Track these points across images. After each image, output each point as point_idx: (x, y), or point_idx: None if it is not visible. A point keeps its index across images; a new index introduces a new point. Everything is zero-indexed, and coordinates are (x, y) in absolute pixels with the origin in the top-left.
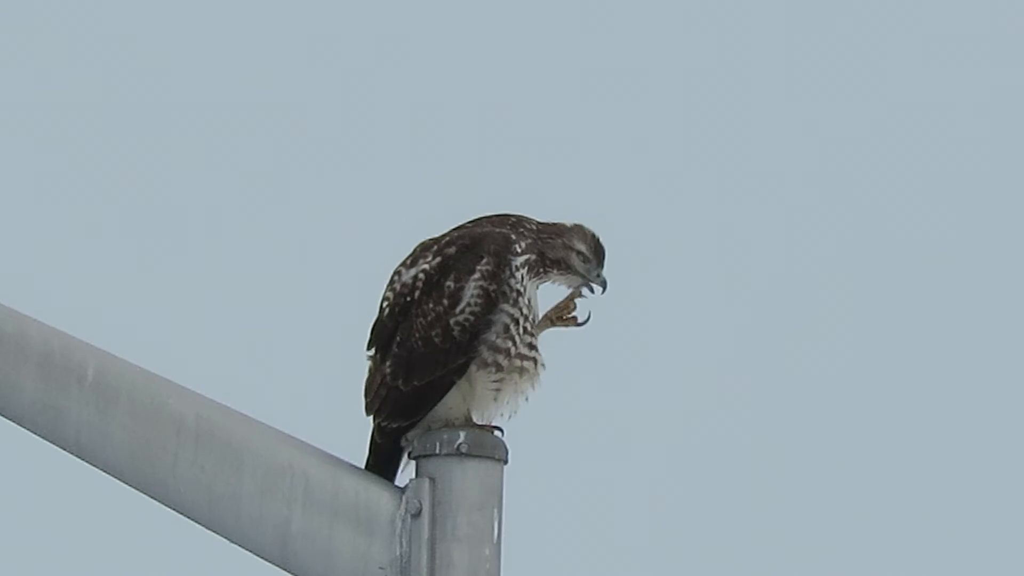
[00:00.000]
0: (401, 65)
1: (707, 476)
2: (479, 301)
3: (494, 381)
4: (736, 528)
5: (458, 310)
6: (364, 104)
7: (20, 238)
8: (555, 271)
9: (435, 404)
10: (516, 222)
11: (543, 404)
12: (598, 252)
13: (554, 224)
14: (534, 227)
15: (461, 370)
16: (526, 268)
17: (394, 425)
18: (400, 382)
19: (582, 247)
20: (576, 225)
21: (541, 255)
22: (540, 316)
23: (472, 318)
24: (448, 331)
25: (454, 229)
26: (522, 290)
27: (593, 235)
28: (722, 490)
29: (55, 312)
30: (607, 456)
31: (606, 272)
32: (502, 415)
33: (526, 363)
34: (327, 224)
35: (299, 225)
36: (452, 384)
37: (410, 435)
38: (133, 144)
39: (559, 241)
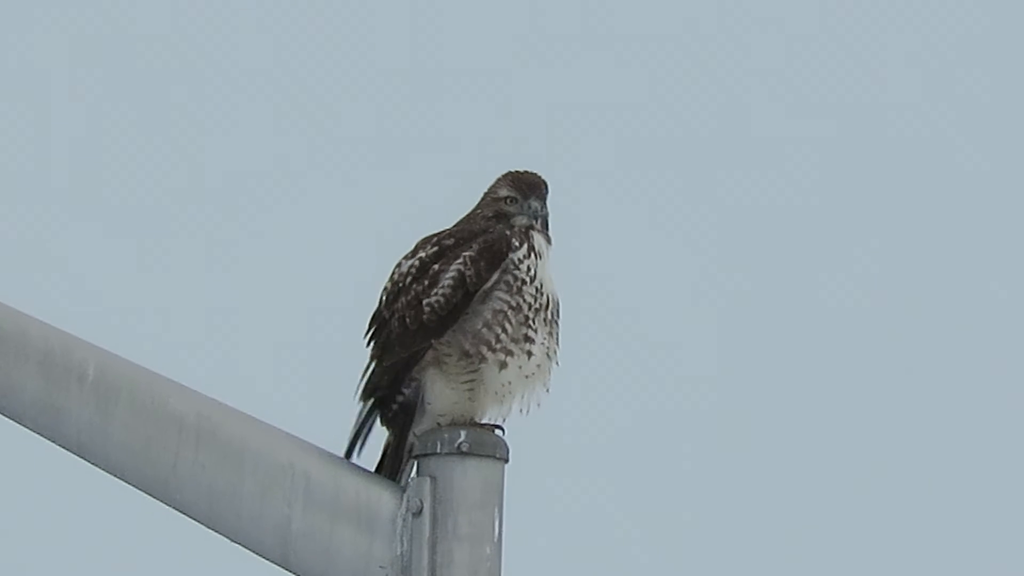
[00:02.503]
0: (396, 61)
1: (708, 476)
2: (452, 284)
3: (472, 371)
4: (736, 528)
5: (433, 292)
6: (365, 103)
7: (21, 238)
8: (514, 227)
9: (399, 386)
10: (473, 217)
11: (545, 403)
12: (521, 187)
13: (491, 186)
14: (476, 210)
15: (422, 354)
16: (531, 255)
17: (365, 401)
18: (377, 360)
19: (504, 191)
20: (501, 175)
21: (495, 220)
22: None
23: (442, 300)
24: (419, 311)
25: (454, 226)
26: (528, 279)
27: (512, 174)
28: (722, 490)
29: (55, 311)
30: (608, 455)
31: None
32: (521, 411)
33: (511, 357)
34: (328, 223)
35: (300, 224)
36: (414, 366)
37: (416, 431)
38: (135, 143)
39: (488, 198)
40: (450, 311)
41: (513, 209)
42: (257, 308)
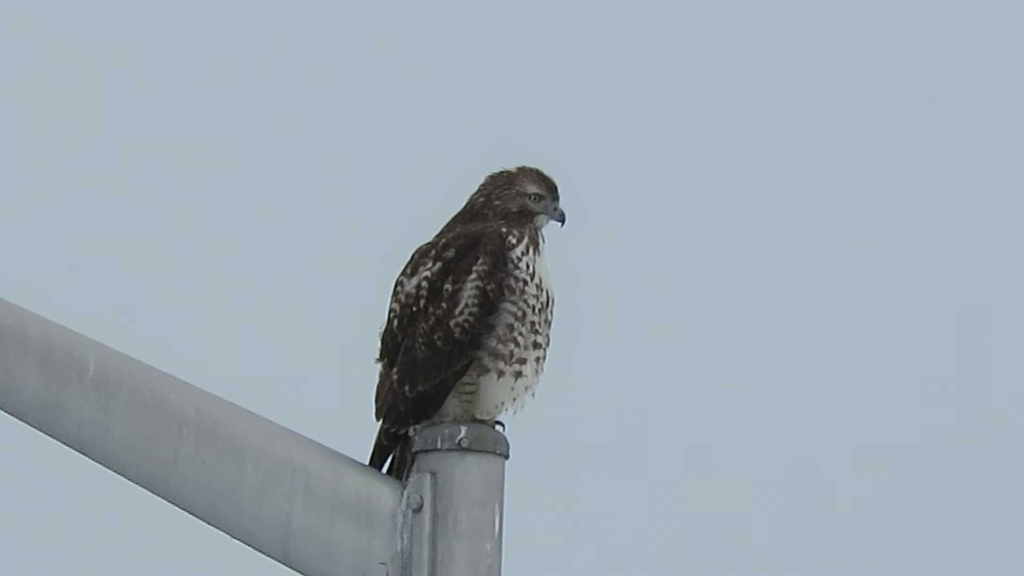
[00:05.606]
0: (405, 67)
1: (707, 475)
2: (477, 301)
3: (496, 384)
4: (735, 527)
5: (457, 311)
6: (368, 106)
7: (21, 234)
8: (528, 223)
9: (438, 408)
10: (471, 214)
11: (545, 399)
12: (550, 187)
13: (500, 174)
14: (482, 199)
15: (463, 372)
16: (530, 251)
17: (402, 431)
18: (406, 388)
19: (534, 188)
20: (520, 168)
21: (508, 216)
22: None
23: (472, 319)
24: (449, 333)
25: (446, 230)
26: (528, 278)
27: (538, 172)
28: (722, 489)
29: (56, 307)
30: (608, 451)
31: (563, 205)
32: (508, 410)
33: (526, 367)
34: (327, 220)
35: (300, 221)
36: (448, 392)
37: (418, 427)
38: (137, 142)
39: (512, 191)
40: (480, 327)
41: (538, 207)
42: (257, 303)
